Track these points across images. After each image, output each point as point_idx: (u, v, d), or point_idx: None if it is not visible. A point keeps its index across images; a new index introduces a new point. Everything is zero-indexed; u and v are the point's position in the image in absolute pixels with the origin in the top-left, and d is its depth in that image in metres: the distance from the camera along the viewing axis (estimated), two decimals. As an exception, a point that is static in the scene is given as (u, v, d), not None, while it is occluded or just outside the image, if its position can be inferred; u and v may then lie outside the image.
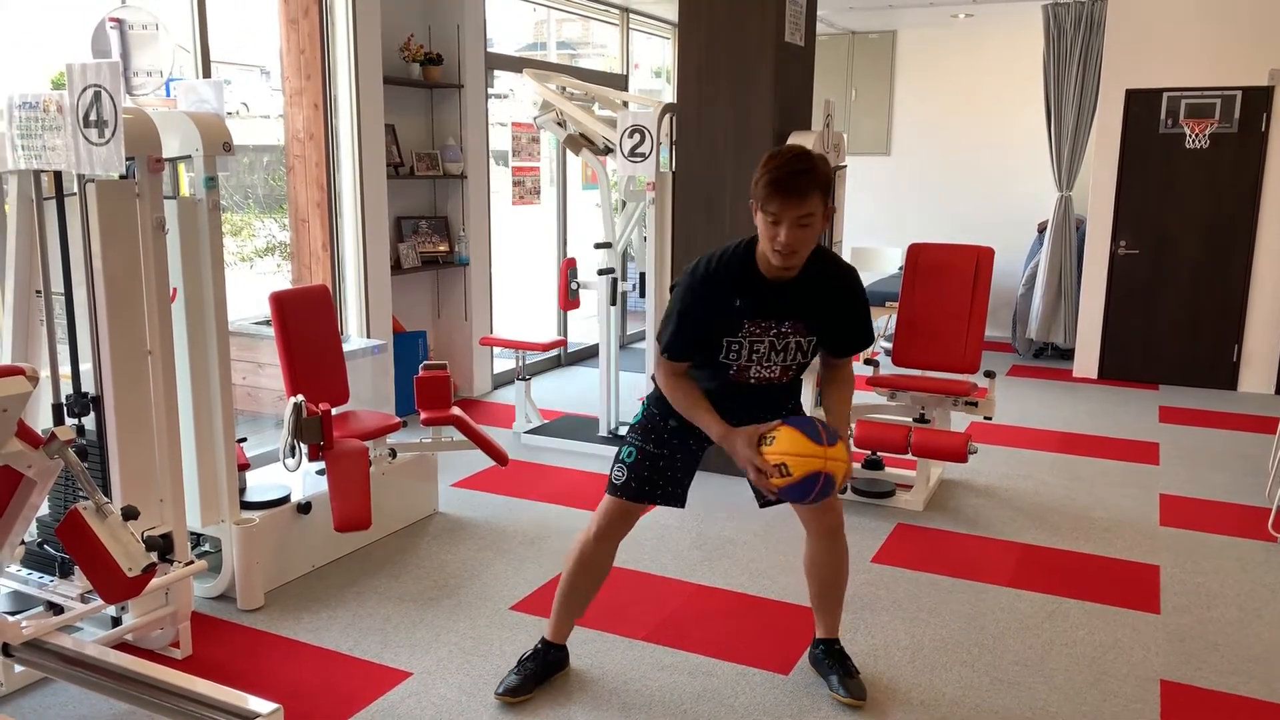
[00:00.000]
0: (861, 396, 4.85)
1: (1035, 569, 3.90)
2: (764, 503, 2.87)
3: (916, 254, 4.77)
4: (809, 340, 2.65)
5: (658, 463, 2.81)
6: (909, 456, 4.43)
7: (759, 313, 2.59)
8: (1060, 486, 4.89)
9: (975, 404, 4.58)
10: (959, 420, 5.71)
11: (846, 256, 8.87)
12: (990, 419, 4.94)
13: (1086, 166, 7.28)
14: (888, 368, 4.94)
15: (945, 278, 4.69)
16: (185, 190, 3.40)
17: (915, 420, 4.66)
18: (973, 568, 3.90)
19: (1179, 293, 6.96)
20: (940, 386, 4.62)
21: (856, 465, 4.87)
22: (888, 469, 4.91)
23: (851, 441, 4.47)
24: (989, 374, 4.66)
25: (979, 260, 4.65)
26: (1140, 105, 6.85)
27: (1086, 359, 7.29)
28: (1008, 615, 3.50)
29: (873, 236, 9.05)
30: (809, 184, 2.40)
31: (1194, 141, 6.75)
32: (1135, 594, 3.68)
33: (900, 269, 8.08)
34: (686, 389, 2.67)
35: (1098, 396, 6.74)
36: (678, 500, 2.87)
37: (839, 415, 2.71)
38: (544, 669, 2.99)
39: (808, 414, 2.79)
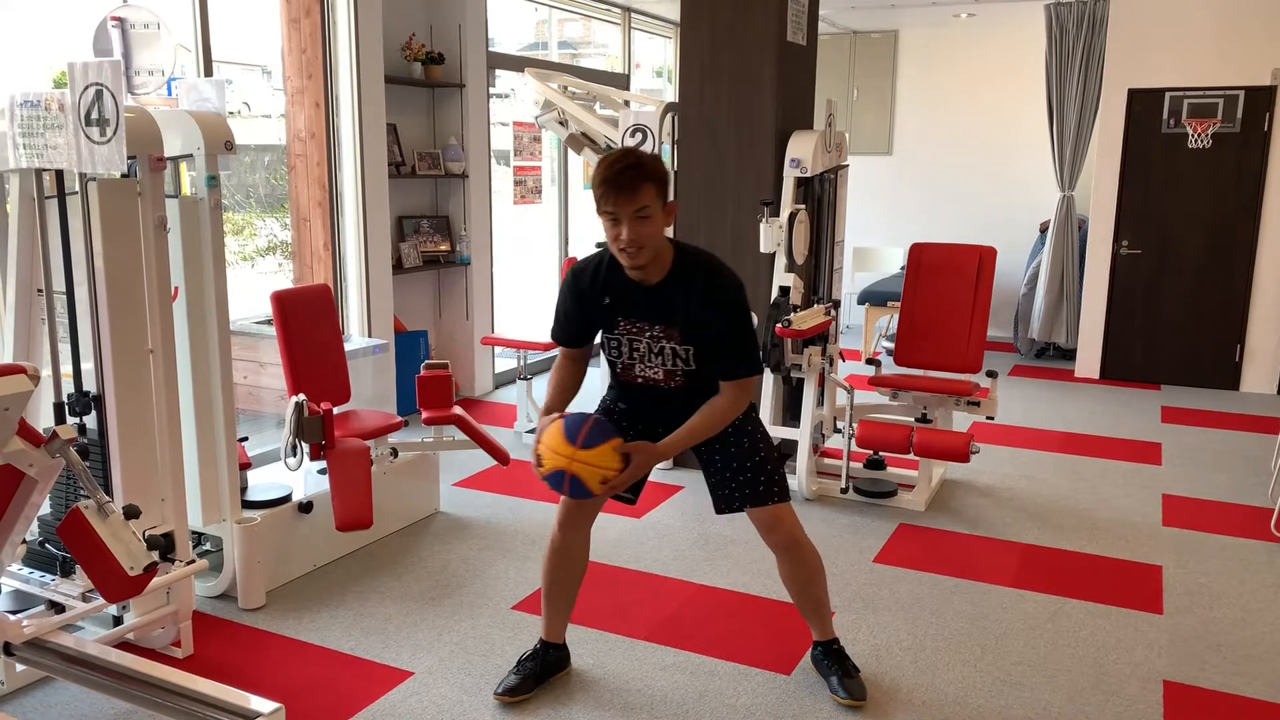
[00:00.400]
0: (863, 396, 4.85)
1: (1038, 569, 3.89)
2: (719, 509, 2.87)
3: (918, 254, 4.77)
4: (685, 349, 2.64)
5: None
6: (911, 456, 4.42)
7: (630, 313, 2.65)
8: (1062, 487, 4.89)
9: (977, 404, 4.58)
10: (961, 420, 5.70)
11: (848, 256, 8.88)
12: (992, 419, 4.93)
13: (1088, 166, 7.27)
14: (890, 367, 4.94)
15: (947, 277, 4.68)
16: (186, 189, 3.40)
17: (917, 420, 4.65)
18: (975, 568, 3.90)
19: (1181, 293, 6.95)
20: (942, 386, 4.62)
21: (858, 465, 4.87)
22: (890, 469, 4.91)
23: (853, 441, 4.47)
24: (991, 374, 4.65)
25: (981, 260, 4.65)
26: (1142, 105, 6.84)
27: (1088, 359, 7.28)
28: (1010, 615, 3.50)
29: (874, 236, 9.04)
30: (639, 177, 2.47)
31: (1196, 141, 6.74)
32: (1138, 594, 3.68)
33: (902, 268, 8.08)
34: (557, 373, 2.83)
35: (1100, 396, 6.73)
36: (633, 488, 2.85)
37: (676, 435, 2.65)
38: (543, 669, 2.99)
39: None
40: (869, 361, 4.97)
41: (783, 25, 4.62)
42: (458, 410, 4.30)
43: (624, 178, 2.46)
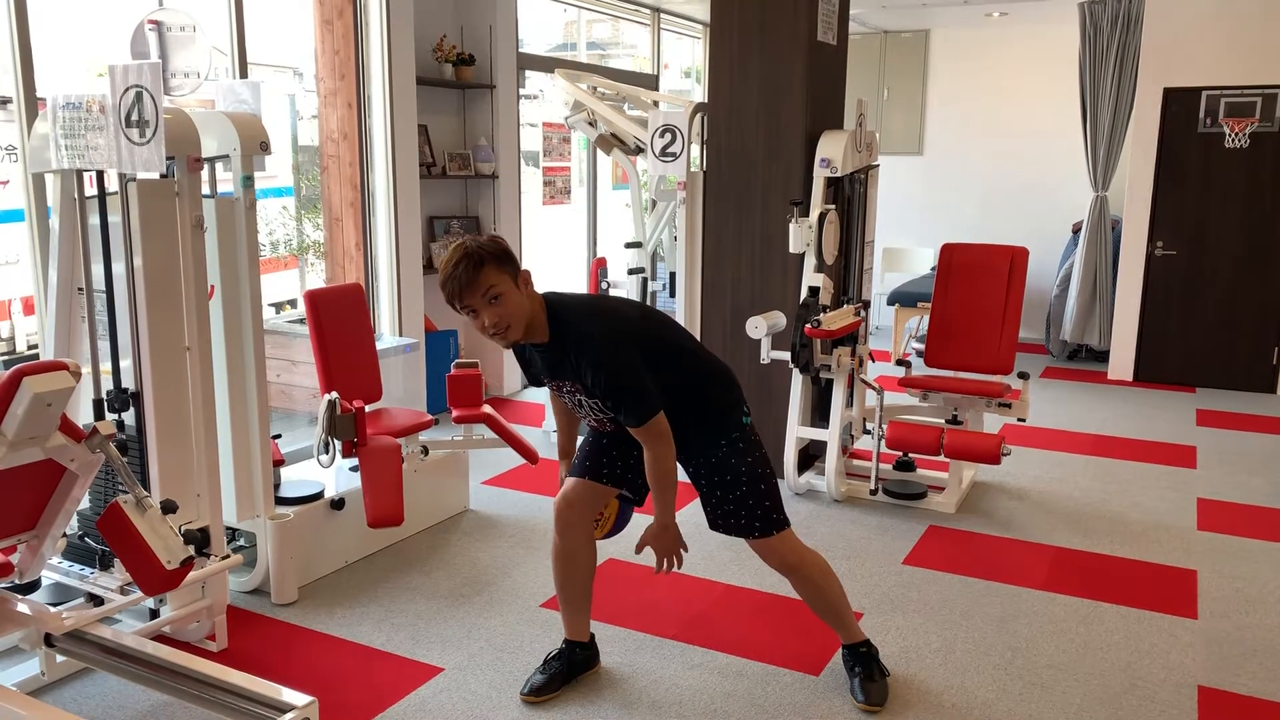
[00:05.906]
0: (893, 397, 4.83)
1: (1069, 572, 3.86)
2: (710, 527, 2.88)
3: (950, 254, 4.74)
4: (593, 401, 2.67)
5: (600, 440, 2.90)
6: (941, 458, 4.40)
7: (547, 373, 2.73)
8: (1095, 489, 4.84)
9: (1009, 405, 4.54)
10: (992, 422, 5.66)
11: (878, 257, 8.83)
12: (1024, 421, 4.89)
13: (1123, 166, 7.18)
14: (920, 368, 4.91)
15: (979, 278, 4.65)
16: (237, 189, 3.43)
17: (948, 422, 4.62)
18: (1006, 570, 3.87)
19: (1217, 294, 6.86)
20: (973, 388, 4.59)
21: (887, 466, 4.85)
22: (920, 470, 4.88)
23: (883, 442, 4.45)
24: (1023, 375, 4.61)
25: (1013, 260, 4.61)
26: (1179, 104, 6.75)
27: (1122, 361, 7.19)
28: (1041, 619, 3.47)
29: (905, 236, 8.99)
30: (473, 265, 2.48)
31: (1234, 141, 6.64)
32: (1172, 598, 3.64)
33: (933, 269, 8.03)
34: (554, 403, 3.09)
35: (1133, 399, 6.65)
36: (631, 486, 2.89)
37: (655, 506, 2.69)
38: (569, 668, 3.00)
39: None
40: (899, 362, 4.95)
41: (813, 25, 4.61)
42: (487, 409, 4.32)
43: (459, 270, 2.47)
